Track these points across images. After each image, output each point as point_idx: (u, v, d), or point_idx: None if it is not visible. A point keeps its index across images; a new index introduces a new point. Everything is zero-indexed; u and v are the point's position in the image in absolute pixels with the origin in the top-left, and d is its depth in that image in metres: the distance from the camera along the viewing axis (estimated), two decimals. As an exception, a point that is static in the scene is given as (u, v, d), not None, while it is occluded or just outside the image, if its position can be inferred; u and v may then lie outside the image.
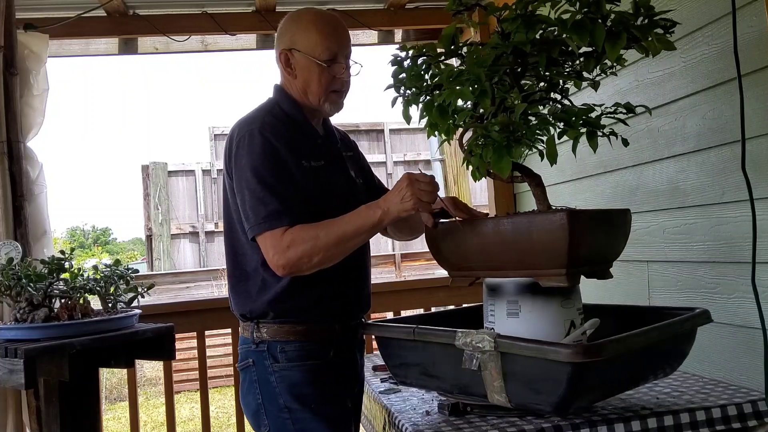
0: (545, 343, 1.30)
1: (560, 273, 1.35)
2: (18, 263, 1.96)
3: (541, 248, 1.35)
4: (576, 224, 1.32)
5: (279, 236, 1.51)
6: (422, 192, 1.47)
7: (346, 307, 1.69)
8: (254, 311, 1.63)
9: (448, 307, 2.88)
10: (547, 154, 1.38)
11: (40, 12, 2.93)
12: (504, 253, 1.43)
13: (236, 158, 1.60)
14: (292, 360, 1.61)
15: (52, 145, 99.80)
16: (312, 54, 1.63)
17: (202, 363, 2.70)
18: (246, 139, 1.59)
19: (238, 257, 1.66)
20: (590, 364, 1.24)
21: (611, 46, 1.30)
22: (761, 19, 1.59)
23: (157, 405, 7.04)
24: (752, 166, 1.58)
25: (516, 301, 1.46)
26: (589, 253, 1.41)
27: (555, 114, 1.36)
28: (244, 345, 1.69)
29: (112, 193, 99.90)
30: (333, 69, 1.64)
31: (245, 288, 1.65)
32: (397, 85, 1.53)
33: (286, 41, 1.68)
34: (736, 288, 1.76)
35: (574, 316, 1.46)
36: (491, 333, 1.35)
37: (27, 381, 1.72)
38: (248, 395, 1.67)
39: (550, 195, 1.54)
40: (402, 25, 3.34)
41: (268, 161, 1.57)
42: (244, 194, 1.56)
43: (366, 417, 1.95)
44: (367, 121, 10.45)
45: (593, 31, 1.28)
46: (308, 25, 1.65)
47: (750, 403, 1.47)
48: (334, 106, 1.70)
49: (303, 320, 1.62)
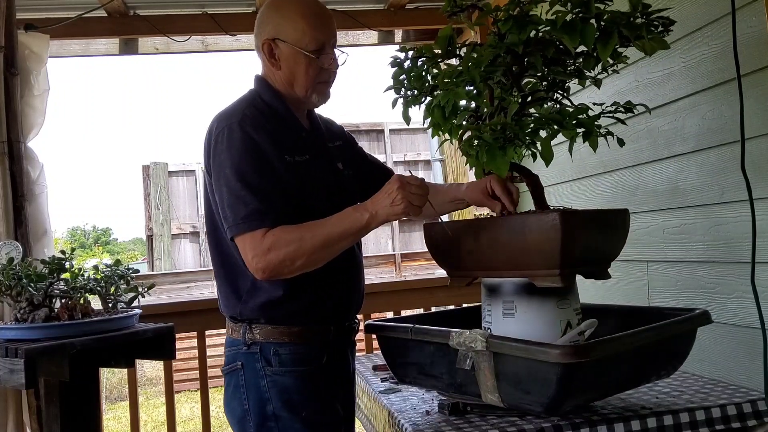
0: (535, 343, 1.29)
1: (554, 273, 1.36)
2: (18, 263, 1.96)
3: (535, 249, 1.35)
4: (569, 225, 1.32)
5: (259, 238, 1.43)
6: (413, 196, 1.42)
7: (342, 307, 1.64)
8: (245, 314, 1.57)
9: (448, 307, 2.88)
10: (541, 155, 1.37)
11: (40, 12, 2.93)
12: (499, 254, 1.43)
13: (215, 154, 1.51)
14: (285, 364, 1.55)
15: (52, 145, 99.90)
16: (299, 44, 1.54)
17: (202, 363, 2.70)
18: (225, 133, 1.50)
19: (223, 257, 1.59)
20: (579, 365, 1.24)
21: (603, 46, 1.30)
22: (761, 19, 1.59)
23: (157, 405, 7.05)
24: (752, 166, 1.58)
25: (512, 301, 1.46)
26: (584, 254, 1.41)
27: (549, 115, 1.36)
28: (233, 347, 1.61)
29: (112, 193, 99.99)
30: (321, 60, 1.57)
31: (234, 288, 1.58)
32: (397, 86, 1.53)
33: (269, 30, 1.58)
34: (735, 288, 1.76)
35: (571, 316, 1.46)
36: (483, 333, 1.35)
37: (27, 381, 1.73)
38: (233, 401, 1.59)
39: (549, 195, 1.54)
40: (402, 25, 3.34)
41: (249, 157, 1.48)
42: (222, 192, 1.48)
43: (366, 417, 1.96)
44: (367, 121, 10.44)
45: (583, 31, 1.28)
46: (292, 13, 1.56)
47: (749, 402, 1.47)
48: (321, 97, 1.63)
49: (298, 322, 1.56)
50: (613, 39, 1.30)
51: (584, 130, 1.38)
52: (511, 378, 1.33)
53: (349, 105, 15.11)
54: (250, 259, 1.45)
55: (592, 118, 1.39)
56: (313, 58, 1.56)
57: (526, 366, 1.29)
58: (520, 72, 1.43)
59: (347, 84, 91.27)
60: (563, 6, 1.31)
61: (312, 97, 1.62)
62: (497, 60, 1.38)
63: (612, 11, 1.33)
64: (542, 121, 1.35)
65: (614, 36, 1.30)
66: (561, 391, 1.26)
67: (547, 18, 1.31)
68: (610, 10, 1.34)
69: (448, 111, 1.41)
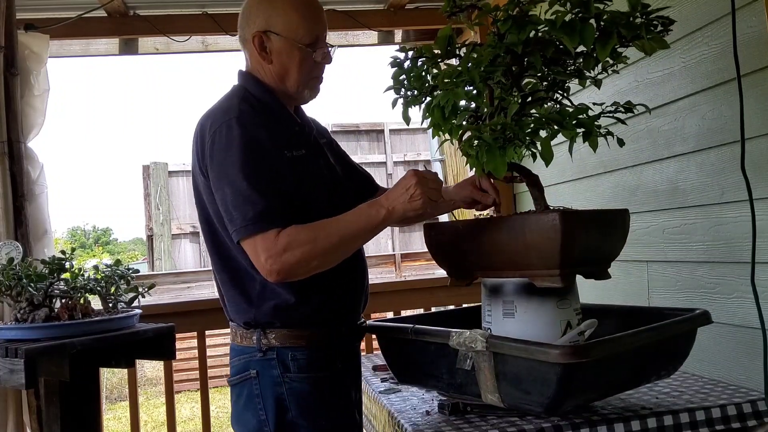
0: (534, 343, 1.29)
1: (554, 273, 1.35)
2: (18, 263, 1.96)
3: (535, 249, 1.35)
4: (568, 225, 1.32)
5: (272, 239, 1.36)
6: (431, 191, 1.40)
7: (352, 306, 1.61)
8: (259, 318, 1.50)
9: (449, 307, 2.88)
10: (541, 155, 1.37)
11: (40, 12, 2.93)
12: (499, 254, 1.43)
13: (213, 154, 1.44)
14: (303, 370, 1.49)
15: (52, 146, 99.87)
16: (294, 37, 1.50)
17: (202, 363, 2.70)
18: (223, 131, 1.43)
19: (226, 261, 1.52)
20: (579, 365, 1.24)
21: (602, 47, 1.30)
22: (761, 19, 1.59)
23: (157, 405, 7.05)
24: (752, 167, 1.58)
25: (512, 301, 1.46)
26: (584, 254, 1.41)
27: (549, 115, 1.36)
28: (243, 355, 1.53)
29: (112, 193, 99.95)
30: (316, 54, 1.53)
31: (243, 293, 1.51)
32: (397, 86, 1.52)
33: (259, 23, 1.51)
34: (735, 288, 1.76)
35: (571, 316, 1.46)
36: (484, 333, 1.35)
37: (27, 381, 1.72)
38: (246, 412, 1.51)
39: (550, 195, 1.54)
40: (402, 25, 3.34)
41: (252, 154, 1.41)
42: (225, 193, 1.41)
43: (366, 417, 1.96)
44: (367, 121, 10.44)
45: (582, 31, 1.28)
46: (285, 5, 1.51)
47: (749, 403, 1.47)
48: (312, 92, 1.60)
49: (311, 324, 1.51)
50: (613, 39, 1.30)
51: (584, 130, 1.37)
52: (511, 378, 1.33)
53: (349, 105, 15.00)
54: (263, 261, 1.38)
55: (592, 118, 1.39)
56: (309, 51, 1.52)
57: (526, 366, 1.29)
58: (520, 72, 1.43)
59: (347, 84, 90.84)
60: (563, 6, 1.31)
61: (303, 93, 1.58)
62: (497, 60, 1.37)
63: (611, 11, 1.33)
64: (542, 121, 1.35)
65: (613, 36, 1.30)
66: (561, 391, 1.26)
67: (547, 18, 1.31)
68: (609, 11, 1.34)
69: (448, 111, 1.41)
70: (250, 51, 1.56)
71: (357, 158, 11.39)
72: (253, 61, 1.57)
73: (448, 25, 1.45)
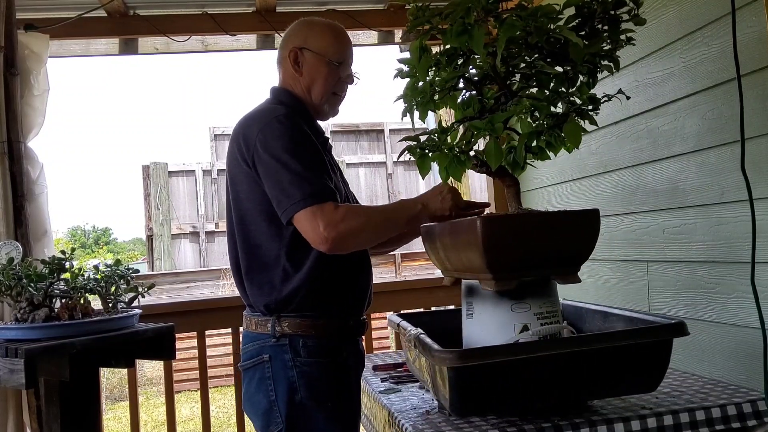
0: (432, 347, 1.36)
1: (488, 278, 1.36)
2: (18, 263, 1.96)
3: (471, 252, 1.36)
4: (489, 229, 1.31)
5: (331, 209, 1.51)
6: (458, 198, 1.64)
7: (359, 300, 1.73)
8: (279, 301, 1.62)
9: (448, 307, 2.88)
10: (546, 150, 1.37)
11: (40, 12, 2.93)
12: (455, 256, 1.47)
13: (264, 144, 1.57)
14: (312, 355, 1.62)
15: (52, 145, 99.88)
16: (324, 54, 1.70)
17: (202, 363, 2.71)
18: (274, 124, 1.59)
19: (254, 249, 1.65)
20: (463, 369, 1.28)
21: None
22: (761, 19, 1.59)
23: (157, 405, 7.05)
24: (752, 167, 1.58)
25: (471, 302, 1.50)
26: (523, 258, 1.37)
27: (526, 95, 1.37)
28: (257, 341, 1.65)
29: (112, 193, 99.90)
30: (341, 69, 1.73)
31: (267, 278, 1.63)
32: (407, 94, 1.52)
33: (297, 41, 1.73)
34: (735, 288, 1.76)
35: (530, 319, 1.42)
36: (416, 334, 1.45)
37: (27, 381, 1.73)
38: (258, 393, 1.64)
39: (550, 195, 1.55)
40: (402, 25, 3.33)
41: (304, 143, 1.59)
42: (280, 176, 1.55)
43: (366, 417, 1.96)
44: (367, 121, 10.45)
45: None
46: (323, 29, 1.74)
47: (749, 403, 1.47)
48: (331, 108, 1.77)
49: (323, 314, 1.64)
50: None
51: (561, 111, 1.38)
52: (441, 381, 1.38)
53: (349, 105, 15.16)
54: (321, 229, 1.50)
55: (570, 101, 1.40)
56: (335, 65, 1.71)
57: (437, 369, 1.36)
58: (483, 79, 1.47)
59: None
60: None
61: (324, 107, 1.75)
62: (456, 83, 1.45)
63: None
64: (523, 103, 1.35)
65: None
66: (455, 394, 1.32)
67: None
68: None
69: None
70: (285, 67, 1.76)
71: (357, 158, 11.41)
72: (287, 76, 1.76)
73: (419, 39, 1.43)
